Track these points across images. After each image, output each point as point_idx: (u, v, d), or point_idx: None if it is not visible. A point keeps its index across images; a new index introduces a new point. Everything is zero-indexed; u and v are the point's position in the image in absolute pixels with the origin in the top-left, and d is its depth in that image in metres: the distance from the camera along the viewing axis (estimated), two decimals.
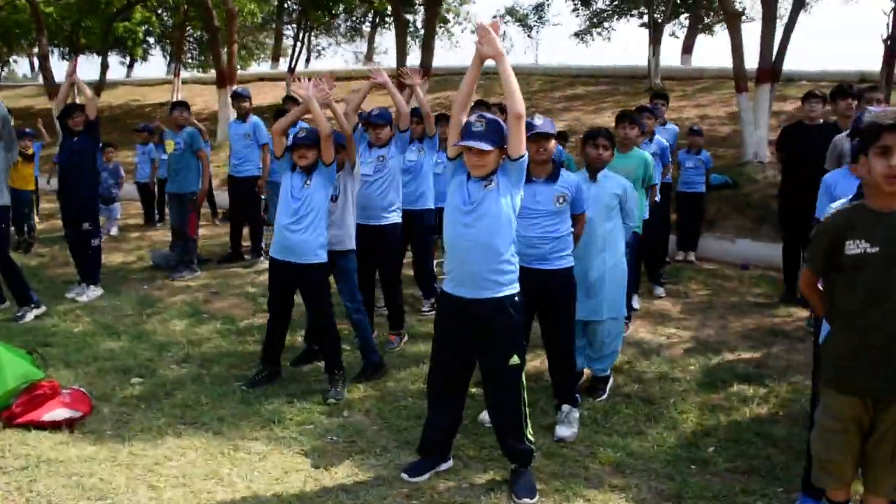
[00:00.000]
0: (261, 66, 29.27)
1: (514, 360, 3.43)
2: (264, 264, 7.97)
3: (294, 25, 22.99)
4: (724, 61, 13.17)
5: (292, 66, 18.31)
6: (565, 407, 4.24)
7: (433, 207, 6.13)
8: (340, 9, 19.95)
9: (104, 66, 19.46)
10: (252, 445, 3.92)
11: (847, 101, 5.75)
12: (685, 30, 24.70)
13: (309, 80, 4.69)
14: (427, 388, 3.74)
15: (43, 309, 6.17)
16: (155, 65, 50.83)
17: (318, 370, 5.00)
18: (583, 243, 4.35)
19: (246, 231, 8.36)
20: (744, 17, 18.68)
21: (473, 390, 4.06)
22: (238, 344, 5.63)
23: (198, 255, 8.01)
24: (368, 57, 28.52)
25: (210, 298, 6.81)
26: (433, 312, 6.30)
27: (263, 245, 8.13)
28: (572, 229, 4.14)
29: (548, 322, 4.19)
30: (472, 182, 3.37)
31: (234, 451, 3.84)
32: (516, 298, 3.42)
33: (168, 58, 26.93)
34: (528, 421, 3.55)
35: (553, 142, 4.03)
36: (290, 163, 4.67)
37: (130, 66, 27.71)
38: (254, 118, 7.99)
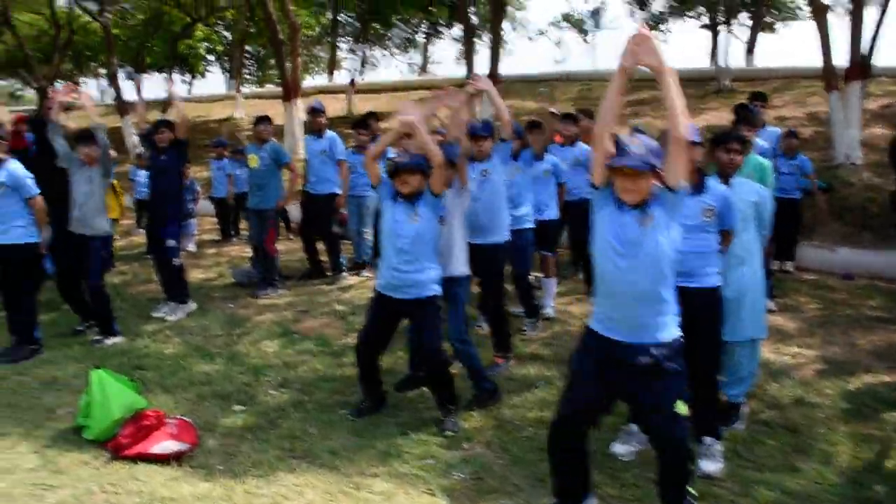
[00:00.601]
0: (315, 80, 29.43)
1: (681, 408, 3.01)
2: (347, 280, 7.77)
3: (350, 38, 22.98)
4: (788, 60, 12.72)
5: (353, 78, 18.25)
6: (707, 439, 3.86)
7: (533, 225, 5.79)
8: (397, 19, 19.89)
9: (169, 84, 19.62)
10: (373, 483, 3.64)
11: None
12: (747, 30, 24.06)
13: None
14: (551, 433, 3.30)
15: (122, 339, 5.99)
16: (213, 81, 51.73)
17: (425, 395, 4.70)
18: None
19: (321, 245, 8.14)
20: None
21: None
22: (336, 367, 5.37)
23: (279, 271, 7.84)
24: (423, 68, 28.41)
25: (299, 317, 6.59)
26: (535, 333, 6.01)
27: (344, 260, 7.91)
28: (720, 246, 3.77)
29: (689, 345, 3.81)
30: (628, 215, 2.97)
31: (356, 490, 3.57)
32: (680, 340, 3.04)
33: (228, 74, 27.20)
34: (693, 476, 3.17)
35: (698, 150, 3.66)
36: (390, 190, 4.34)
37: (191, 83, 28.11)
38: (330, 133, 7.77)
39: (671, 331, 3.00)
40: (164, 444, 3.83)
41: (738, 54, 24.20)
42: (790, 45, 48.65)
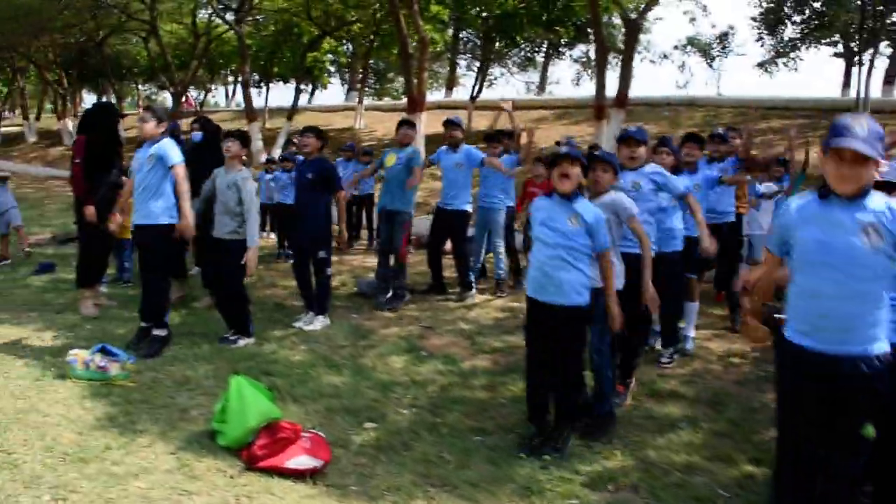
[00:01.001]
0: (433, 95, 29.69)
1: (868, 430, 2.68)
2: (474, 298, 7.55)
3: (469, 55, 22.97)
4: None
5: (473, 94, 18.18)
6: None
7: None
8: (521, 38, 19.71)
9: (297, 94, 20.25)
10: None
11: None
12: (886, 59, 22.46)
13: None
14: (778, 480, 2.98)
15: (253, 340, 5.96)
16: (332, 92, 53.28)
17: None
18: None
19: (446, 261, 7.97)
20: None
21: None
22: (465, 389, 5.13)
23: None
24: (541, 87, 28.14)
25: (424, 334, 6.40)
26: (671, 365, 5.61)
27: (473, 279, 7.71)
28: None
29: None
30: (840, 210, 2.68)
31: None
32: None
33: (346, 85, 27.84)
34: None
35: None
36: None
37: (312, 94, 28.89)
38: (466, 147, 7.60)
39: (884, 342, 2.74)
40: (300, 459, 3.67)
41: (875, 85, 22.61)
42: None
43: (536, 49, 26.14)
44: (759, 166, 6.79)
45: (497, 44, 18.48)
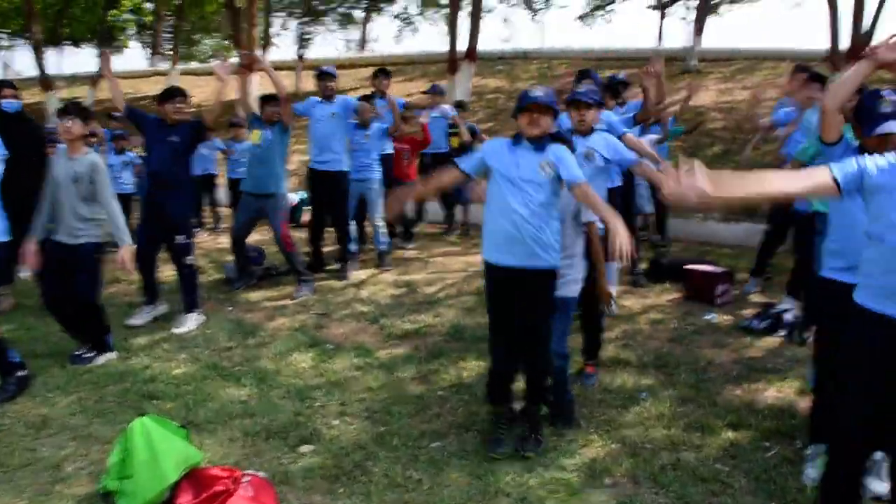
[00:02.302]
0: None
1: None
2: (359, 273, 6.79)
3: (285, 13, 21.55)
4: (738, 42, 12.49)
5: (300, 53, 16.96)
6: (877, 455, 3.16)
7: None
8: None
9: (107, 58, 17.79)
10: None
11: None
12: (693, 11, 23.85)
13: None
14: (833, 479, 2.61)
15: (115, 355, 4.86)
16: (130, 56, 48.19)
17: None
18: None
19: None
20: None
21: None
22: (395, 385, 4.43)
23: (273, 265, 6.83)
24: (362, 45, 27.13)
25: (321, 322, 5.57)
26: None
27: (356, 249, 6.94)
28: None
29: None
30: None
31: None
32: None
33: (150, 49, 25.16)
34: None
35: None
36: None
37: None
38: (341, 97, 6.76)
39: None
40: None
41: (685, 35, 23.88)
42: (735, 27, 49.76)
43: (355, 5, 25.07)
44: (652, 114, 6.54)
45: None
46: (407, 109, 7.99)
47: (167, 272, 6.04)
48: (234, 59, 13.94)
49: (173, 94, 5.40)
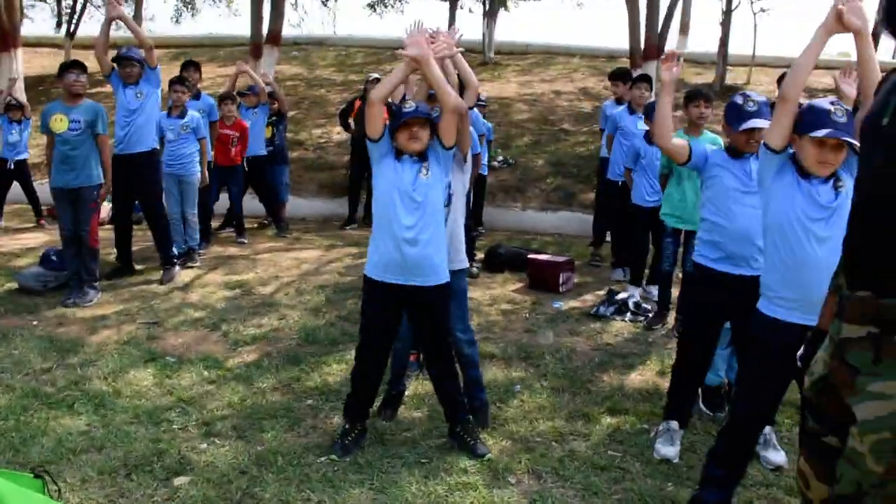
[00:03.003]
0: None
1: None
2: (181, 275, 6.20)
3: None
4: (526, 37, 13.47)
5: (70, 31, 15.18)
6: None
7: None
8: None
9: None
10: None
11: None
12: (481, 4, 24.69)
13: (429, 33, 3.38)
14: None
15: None
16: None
17: (407, 423, 3.76)
18: None
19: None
20: None
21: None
22: (256, 397, 4.07)
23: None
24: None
25: (153, 332, 4.99)
26: None
27: (177, 251, 6.32)
28: None
29: None
30: (819, 183, 2.69)
31: None
32: None
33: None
34: None
35: None
36: (390, 147, 3.34)
37: None
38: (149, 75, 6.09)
39: None
40: None
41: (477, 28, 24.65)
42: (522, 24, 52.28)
43: None
44: None
45: None
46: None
47: None
48: None
49: None
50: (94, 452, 3.39)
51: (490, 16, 16.05)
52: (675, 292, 5.23)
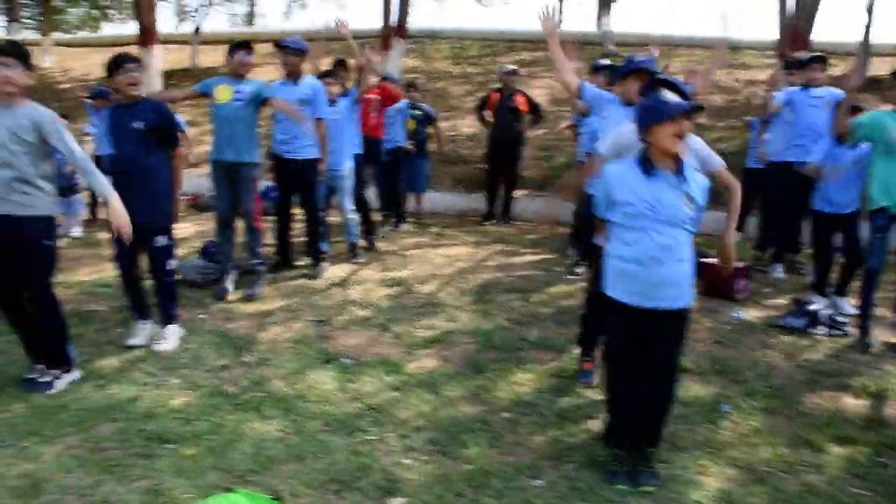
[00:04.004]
0: (120, 28, 25.35)
1: None
2: (334, 270, 6.04)
3: None
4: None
5: (198, 27, 15.52)
6: None
7: None
8: None
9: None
10: None
11: None
12: None
13: None
14: None
15: (79, 374, 3.97)
16: None
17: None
18: None
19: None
20: None
21: None
22: (450, 408, 3.80)
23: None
24: (250, 20, 25.49)
25: (322, 331, 4.80)
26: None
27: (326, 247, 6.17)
28: None
29: None
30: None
31: None
32: None
33: (7, 16, 22.39)
34: None
35: None
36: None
37: None
38: (310, 79, 5.90)
39: None
40: None
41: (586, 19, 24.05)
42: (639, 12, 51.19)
43: None
44: None
45: None
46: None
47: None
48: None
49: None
50: (295, 462, 3.17)
51: (603, 6, 15.42)
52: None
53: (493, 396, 3.94)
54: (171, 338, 4.48)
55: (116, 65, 4.29)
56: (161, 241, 4.40)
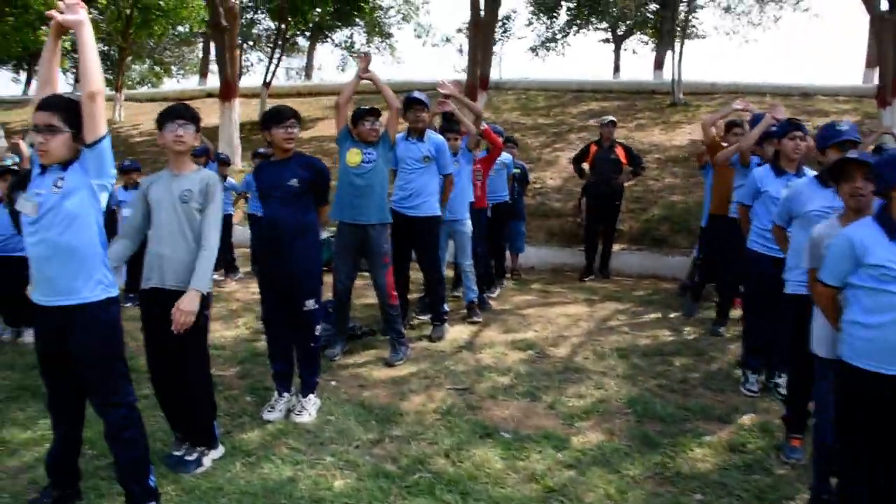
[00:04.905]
0: (182, 83, 26.04)
1: None
2: (454, 333, 5.74)
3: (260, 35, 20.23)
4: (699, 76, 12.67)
5: (267, 80, 15.68)
6: None
7: None
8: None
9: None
10: None
11: None
12: (645, 44, 24.00)
13: None
14: None
15: (221, 451, 3.69)
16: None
17: None
18: None
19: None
20: None
21: None
22: (631, 487, 3.42)
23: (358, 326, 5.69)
24: (307, 73, 25.89)
25: (471, 402, 4.46)
26: None
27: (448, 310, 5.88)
28: None
29: None
30: None
31: None
32: None
33: (74, 75, 23.13)
34: None
35: None
36: None
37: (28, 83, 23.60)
38: (434, 136, 5.68)
39: None
40: None
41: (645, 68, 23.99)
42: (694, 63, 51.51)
43: (299, 33, 23.87)
44: None
45: (287, 23, 16.07)
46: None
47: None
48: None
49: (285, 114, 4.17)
50: None
51: (663, 47, 15.23)
52: None
53: (678, 476, 3.55)
54: (310, 408, 4.20)
55: (276, 118, 4.10)
56: (310, 304, 4.14)
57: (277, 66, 15.65)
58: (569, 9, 22.05)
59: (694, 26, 23.75)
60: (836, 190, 3.28)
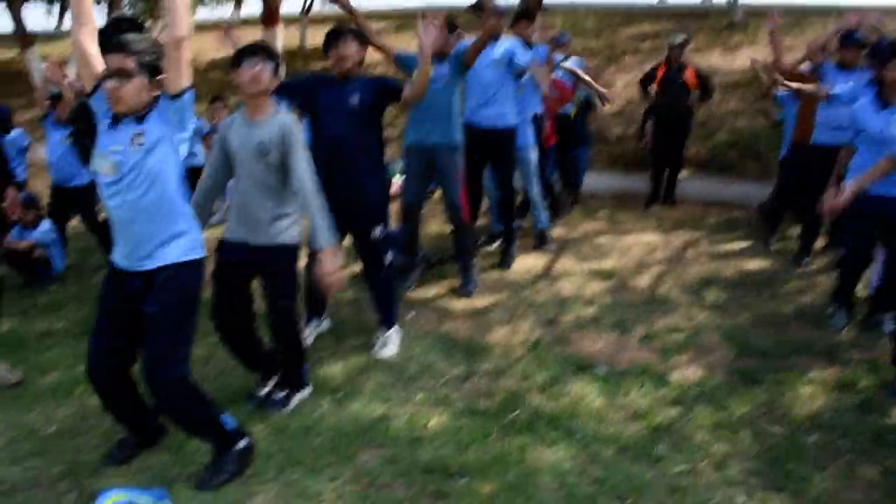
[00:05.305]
0: (215, 11, 25.41)
1: None
2: (525, 262, 5.52)
3: None
4: None
5: (306, 7, 15.20)
6: None
7: None
8: None
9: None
10: None
11: None
12: None
13: None
14: None
15: (309, 390, 3.57)
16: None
17: None
18: None
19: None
20: None
21: None
22: (743, 426, 3.24)
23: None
24: None
25: (558, 334, 4.29)
26: None
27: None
28: None
29: None
30: None
31: None
32: None
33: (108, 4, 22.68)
34: None
35: None
36: None
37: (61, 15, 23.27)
38: (506, 39, 5.34)
39: None
40: None
41: None
42: None
43: None
44: None
45: None
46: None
47: None
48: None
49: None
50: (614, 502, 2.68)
51: None
52: None
53: (788, 415, 3.37)
54: (392, 343, 4.06)
55: (333, 38, 3.84)
56: (378, 231, 3.94)
57: None
58: None
59: None
60: None
